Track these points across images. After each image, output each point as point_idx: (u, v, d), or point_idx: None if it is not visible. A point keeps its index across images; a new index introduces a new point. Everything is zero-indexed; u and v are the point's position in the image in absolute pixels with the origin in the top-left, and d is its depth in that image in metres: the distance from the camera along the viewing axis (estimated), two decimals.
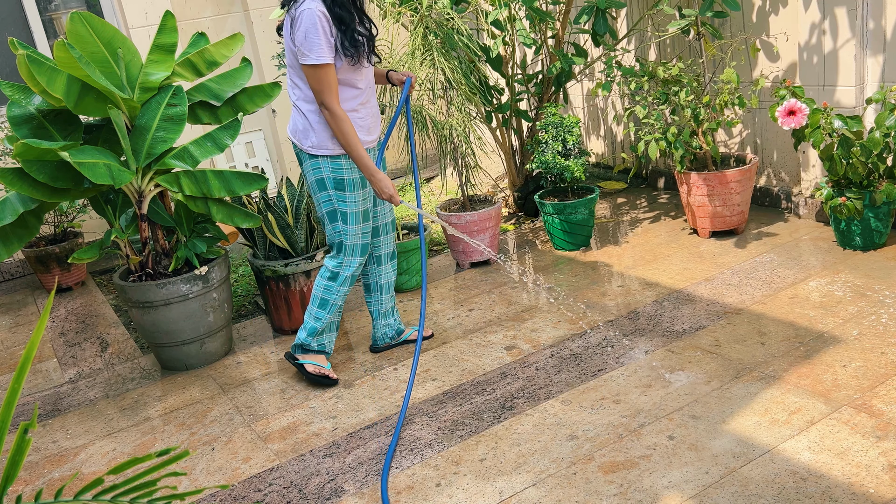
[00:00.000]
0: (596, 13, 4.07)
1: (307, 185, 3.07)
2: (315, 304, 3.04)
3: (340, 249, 2.99)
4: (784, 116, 3.53)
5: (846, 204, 3.46)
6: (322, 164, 2.88)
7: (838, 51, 3.72)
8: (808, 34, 3.83)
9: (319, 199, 2.95)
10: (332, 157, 2.87)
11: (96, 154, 2.96)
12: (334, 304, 3.04)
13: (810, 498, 2.07)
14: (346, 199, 2.92)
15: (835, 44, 3.73)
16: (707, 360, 2.86)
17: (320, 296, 3.03)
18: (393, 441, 2.59)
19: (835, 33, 3.72)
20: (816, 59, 3.83)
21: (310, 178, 2.94)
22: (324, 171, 2.88)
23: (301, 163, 2.96)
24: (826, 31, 3.75)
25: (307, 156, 2.91)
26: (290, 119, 2.98)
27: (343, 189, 2.90)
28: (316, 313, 3.05)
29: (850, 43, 3.67)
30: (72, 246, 4.66)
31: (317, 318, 3.05)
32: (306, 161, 2.92)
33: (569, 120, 4.01)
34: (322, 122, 2.83)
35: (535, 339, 3.22)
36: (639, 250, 4.04)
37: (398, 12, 4.06)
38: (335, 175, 2.88)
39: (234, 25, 5.63)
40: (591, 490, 2.23)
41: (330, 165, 2.88)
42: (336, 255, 3.01)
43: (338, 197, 2.91)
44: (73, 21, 2.96)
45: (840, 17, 3.67)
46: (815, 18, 3.77)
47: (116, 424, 3.05)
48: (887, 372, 2.60)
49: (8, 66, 5.07)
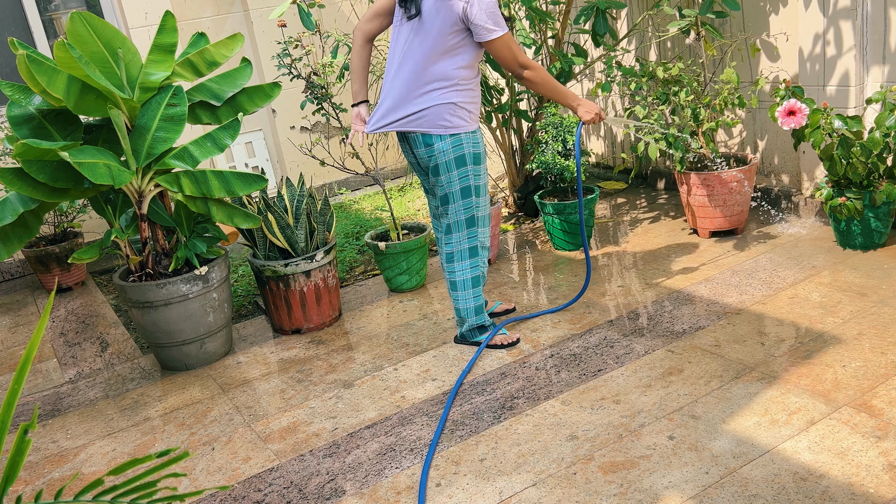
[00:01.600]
0: (596, 13, 4.07)
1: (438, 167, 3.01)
2: (467, 286, 3.14)
3: (472, 223, 3.09)
4: (784, 116, 3.53)
5: (846, 204, 3.46)
6: (464, 139, 2.95)
7: (838, 51, 3.72)
8: (808, 34, 3.83)
9: (455, 176, 2.99)
10: (472, 132, 2.98)
11: (96, 154, 2.96)
12: (483, 274, 3.19)
13: (810, 498, 2.07)
14: (480, 172, 3.04)
15: (835, 44, 3.73)
16: (707, 360, 2.86)
17: (470, 276, 3.13)
18: (440, 425, 2.66)
19: (835, 33, 3.72)
20: (816, 59, 3.83)
21: (446, 158, 2.96)
22: (465, 146, 2.96)
23: (417, 147, 2.99)
24: (826, 32, 3.75)
25: (442, 137, 2.93)
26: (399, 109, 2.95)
27: (479, 163, 3.01)
28: (474, 293, 3.16)
29: (850, 43, 3.67)
30: (72, 246, 4.66)
31: (476, 296, 3.16)
32: (441, 142, 2.94)
33: (569, 120, 4.01)
34: (467, 98, 2.93)
35: (535, 339, 3.22)
36: (639, 250, 4.04)
37: None
38: (474, 150, 2.99)
39: (234, 25, 5.63)
40: (591, 490, 2.23)
41: (471, 140, 2.97)
42: (460, 231, 3.09)
43: (474, 172, 3.01)
44: (73, 21, 2.96)
45: (840, 18, 3.67)
46: (815, 19, 3.77)
47: (116, 424, 3.05)
48: (887, 372, 2.60)
49: (8, 66, 5.07)
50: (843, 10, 3.64)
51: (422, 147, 2.98)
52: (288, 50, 3.81)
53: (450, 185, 3.00)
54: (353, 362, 3.27)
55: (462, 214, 3.05)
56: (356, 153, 4.00)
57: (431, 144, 2.95)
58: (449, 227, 3.10)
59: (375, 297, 3.96)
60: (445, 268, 3.17)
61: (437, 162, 2.97)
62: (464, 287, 3.14)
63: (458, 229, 3.08)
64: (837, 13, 3.67)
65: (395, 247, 3.83)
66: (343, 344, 3.47)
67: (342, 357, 3.34)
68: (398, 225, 4.05)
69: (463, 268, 3.12)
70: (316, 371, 3.24)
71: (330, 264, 3.63)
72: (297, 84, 5.57)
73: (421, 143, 2.97)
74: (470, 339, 3.23)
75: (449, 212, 3.06)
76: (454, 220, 3.07)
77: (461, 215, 3.05)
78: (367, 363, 3.24)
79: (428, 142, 2.95)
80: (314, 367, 3.28)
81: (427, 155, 2.98)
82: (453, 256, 3.12)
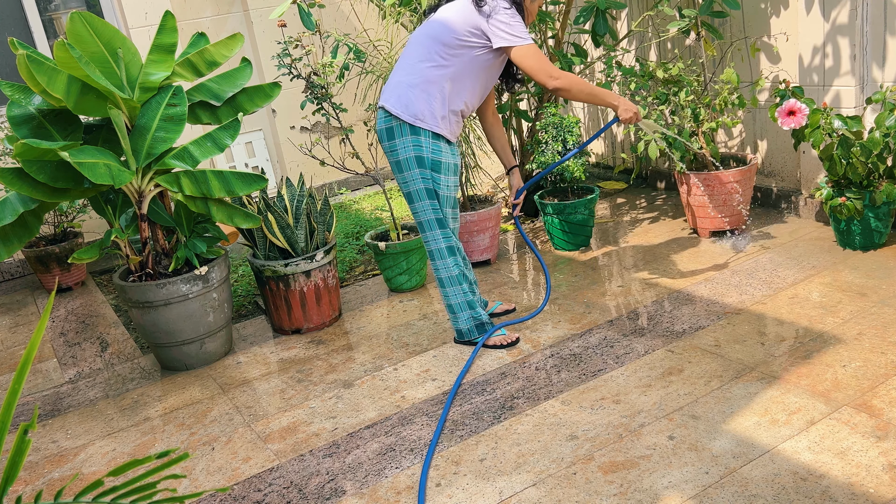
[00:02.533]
0: (596, 14, 4.07)
1: (417, 165, 3.05)
2: (454, 283, 3.15)
3: (443, 224, 3.10)
4: (784, 116, 3.53)
5: (846, 204, 3.46)
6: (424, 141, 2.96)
7: (838, 51, 3.72)
8: (808, 34, 3.83)
9: (429, 176, 3.01)
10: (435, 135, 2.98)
11: (96, 154, 2.96)
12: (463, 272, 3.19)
13: (810, 498, 2.07)
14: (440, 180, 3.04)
15: (835, 44, 3.73)
16: (707, 359, 2.86)
17: (456, 272, 3.14)
18: (440, 423, 2.66)
19: (835, 34, 3.72)
20: (816, 59, 3.83)
21: (409, 154, 2.98)
22: (424, 150, 2.96)
23: (394, 138, 2.99)
24: (826, 32, 3.75)
25: (422, 131, 2.94)
26: (405, 100, 2.97)
27: (439, 171, 3.01)
28: (462, 288, 3.16)
29: (849, 43, 3.67)
30: (72, 246, 4.66)
31: (465, 291, 3.16)
32: (417, 135, 2.95)
33: (569, 120, 4.01)
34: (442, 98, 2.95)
35: (535, 339, 3.22)
36: (639, 250, 4.04)
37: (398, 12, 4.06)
38: (434, 157, 2.99)
39: (234, 25, 5.63)
40: (591, 490, 2.23)
41: (431, 145, 2.97)
42: (432, 230, 3.11)
43: (434, 178, 3.03)
44: (73, 21, 2.96)
45: (840, 18, 3.67)
46: (815, 19, 3.77)
47: (116, 424, 3.05)
48: (887, 372, 2.60)
49: (8, 66, 5.07)
50: (844, 11, 3.64)
51: None
52: (288, 50, 3.81)
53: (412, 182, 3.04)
54: (353, 362, 3.27)
55: (431, 214, 3.06)
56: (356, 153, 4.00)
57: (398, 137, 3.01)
58: (421, 225, 3.12)
59: (375, 297, 3.96)
60: (432, 266, 3.20)
61: None
62: (450, 283, 3.14)
63: (428, 228, 3.10)
64: (838, 13, 3.67)
65: (395, 247, 3.83)
66: (343, 344, 3.47)
67: (342, 357, 3.34)
68: (398, 225, 4.05)
69: (445, 265, 3.12)
70: (316, 371, 3.24)
71: (330, 264, 3.63)
72: (297, 84, 5.57)
73: None
74: (469, 338, 3.23)
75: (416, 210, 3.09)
76: (423, 220, 3.09)
77: (429, 215, 3.06)
78: (367, 363, 3.24)
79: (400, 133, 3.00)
80: (314, 367, 3.28)
81: None
82: (433, 255, 3.14)
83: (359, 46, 3.93)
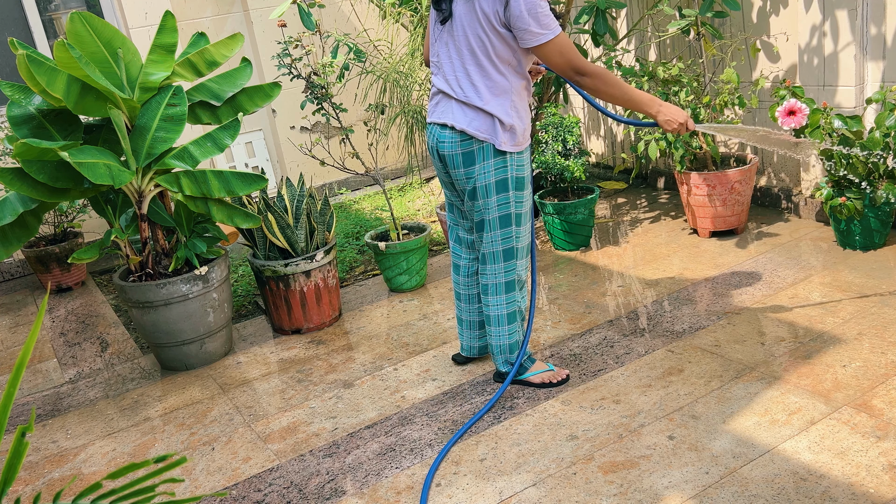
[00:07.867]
0: (596, 13, 4.06)
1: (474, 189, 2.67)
2: (501, 322, 2.81)
3: (510, 255, 2.73)
4: (784, 116, 3.53)
5: (846, 204, 3.46)
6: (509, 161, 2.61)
7: (838, 51, 3.72)
8: (808, 34, 3.83)
9: (496, 202, 2.64)
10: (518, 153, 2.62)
11: (96, 154, 2.96)
12: (520, 309, 2.85)
13: (810, 498, 2.07)
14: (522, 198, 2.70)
15: (835, 44, 3.73)
16: (707, 359, 2.86)
17: (505, 311, 2.80)
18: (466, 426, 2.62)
19: (835, 34, 3.71)
20: (816, 59, 3.83)
21: (488, 179, 2.62)
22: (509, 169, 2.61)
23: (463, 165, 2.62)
24: (826, 32, 3.75)
25: (491, 152, 2.58)
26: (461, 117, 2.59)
27: (522, 188, 2.67)
28: (509, 329, 2.82)
29: (850, 43, 3.67)
30: (72, 246, 4.66)
31: (511, 332, 2.83)
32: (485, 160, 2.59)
33: (569, 120, 4.01)
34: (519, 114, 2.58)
35: (535, 339, 3.22)
36: (639, 250, 4.04)
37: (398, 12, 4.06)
38: (517, 174, 2.64)
39: (234, 25, 5.63)
40: (591, 490, 2.23)
41: (516, 162, 2.62)
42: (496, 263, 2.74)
43: (516, 197, 2.67)
44: (72, 21, 2.96)
45: (840, 18, 3.67)
46: (815, 19, 3.77)
47: (116, 424, 3.05)
48: (887, 372, 2.60)
49: (8, 66, 5.07)
50: (844, 11, 3.64)
51: None
52: (288, 50, 3.81)
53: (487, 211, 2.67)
54: (353, 362, 3.27)
55: (500, 245, 2.72)
56: (356, 153, 4.00)
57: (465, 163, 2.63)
58: (484, 257, 2.77)
59: (375, 297, 3.96)
60: (483, 299, 2.87)
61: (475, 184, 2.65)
62: (497, 323, 2.80)
63: (493, 261, 2.75)
64: (837, 13, 3.67)
65: (395, 247, 3.83)
66: (343, 344, 3.47)
67: (342, 357, 3.34)
68: (398, 225, 4.05)
69: (497, 302, 2.79)
70: (316, 371, 3.24)
71: (330, 264, 3.63)
72: (297, 84, 5.57)
73: None
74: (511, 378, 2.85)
75: (484, 240, 2.74)
76: (489, 251, 2.74)
77: (498, 246, 2.72)
78: (367, 363, 3.24)
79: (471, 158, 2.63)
80: (314, 367, 3.28)
81: None
82: (487, 289, 2.80)
83: (359, 46, 3.93)
